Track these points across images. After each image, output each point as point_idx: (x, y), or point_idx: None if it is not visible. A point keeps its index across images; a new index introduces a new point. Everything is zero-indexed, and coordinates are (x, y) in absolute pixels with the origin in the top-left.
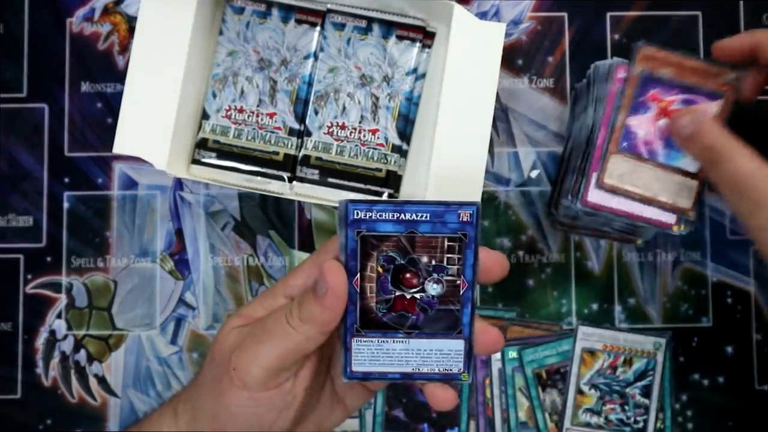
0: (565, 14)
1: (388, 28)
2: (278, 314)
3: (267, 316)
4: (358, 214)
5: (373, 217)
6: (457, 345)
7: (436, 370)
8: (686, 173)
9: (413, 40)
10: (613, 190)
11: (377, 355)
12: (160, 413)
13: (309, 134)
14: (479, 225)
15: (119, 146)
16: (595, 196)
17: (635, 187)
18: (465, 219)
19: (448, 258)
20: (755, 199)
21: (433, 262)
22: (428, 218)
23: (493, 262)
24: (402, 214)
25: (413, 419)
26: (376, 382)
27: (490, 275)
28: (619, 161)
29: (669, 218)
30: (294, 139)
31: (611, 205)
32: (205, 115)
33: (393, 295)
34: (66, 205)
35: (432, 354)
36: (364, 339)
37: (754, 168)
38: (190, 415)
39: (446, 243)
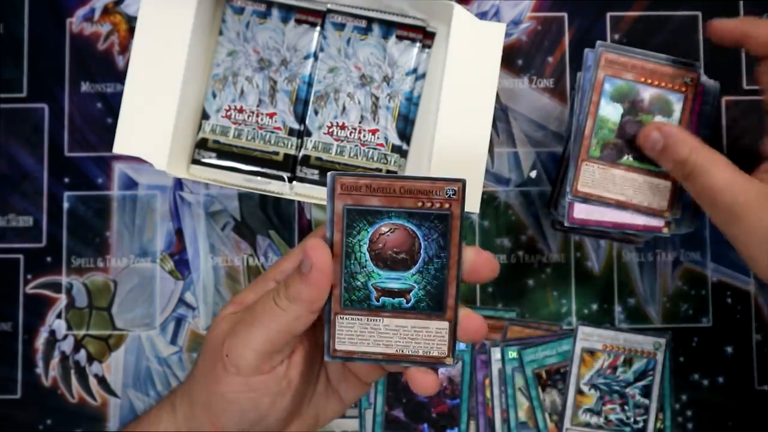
0: (565, 14)
1: (388, 28)
2: (266, 297)
3: (256, 300)
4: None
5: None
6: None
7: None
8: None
9: (413, 40)
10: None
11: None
12: (158, 408)
13: (309, 134)
14: (464, 202)
15: (119, 146)
16: (580, 210)
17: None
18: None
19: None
20: (732, 212)
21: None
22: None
23: (482, 262)
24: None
25: (413, 419)
26: (364, 366)
27: (478, 275)
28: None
29: (658, 222)
30: (294, 139)
31: (597, 217)
32: (205, 115)
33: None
34: (66, 205)
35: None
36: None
37: (729, 179)
38: (188, 407)
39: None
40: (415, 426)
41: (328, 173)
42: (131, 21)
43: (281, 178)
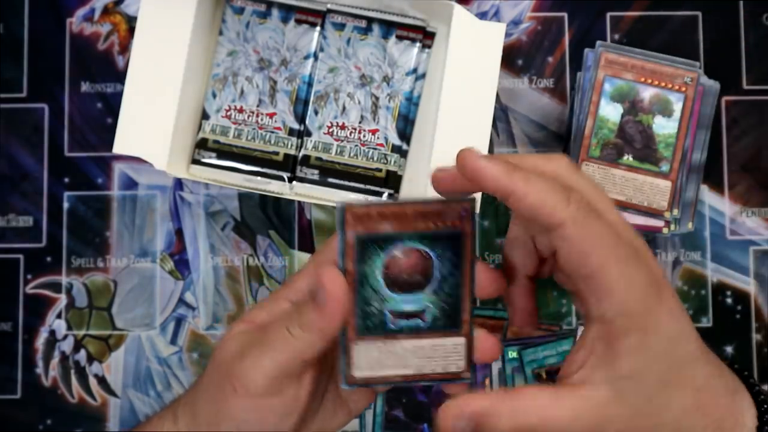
0: (565, 14)
1: (388, 28)
2: (279, 322)
3: (269, 323)
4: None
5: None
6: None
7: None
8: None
9: (413, 40)
10: None
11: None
12: (160, 416)
13: (309, 134)
14: (476, 220)
15: (119, 146)
16: None
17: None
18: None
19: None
20: None
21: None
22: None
23: (489, 280)
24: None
25: (413, 419)
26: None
27: (485, 291)
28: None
29: (658, 222)
30: (294, 139)
31: None
32: (205, 115)
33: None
34: (66, 205)
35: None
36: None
37: (572, 414)
38: (190, 418)
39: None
40: (415, 426)
41: (337, 204)
42: (131, 21)
43: (281, 178)
